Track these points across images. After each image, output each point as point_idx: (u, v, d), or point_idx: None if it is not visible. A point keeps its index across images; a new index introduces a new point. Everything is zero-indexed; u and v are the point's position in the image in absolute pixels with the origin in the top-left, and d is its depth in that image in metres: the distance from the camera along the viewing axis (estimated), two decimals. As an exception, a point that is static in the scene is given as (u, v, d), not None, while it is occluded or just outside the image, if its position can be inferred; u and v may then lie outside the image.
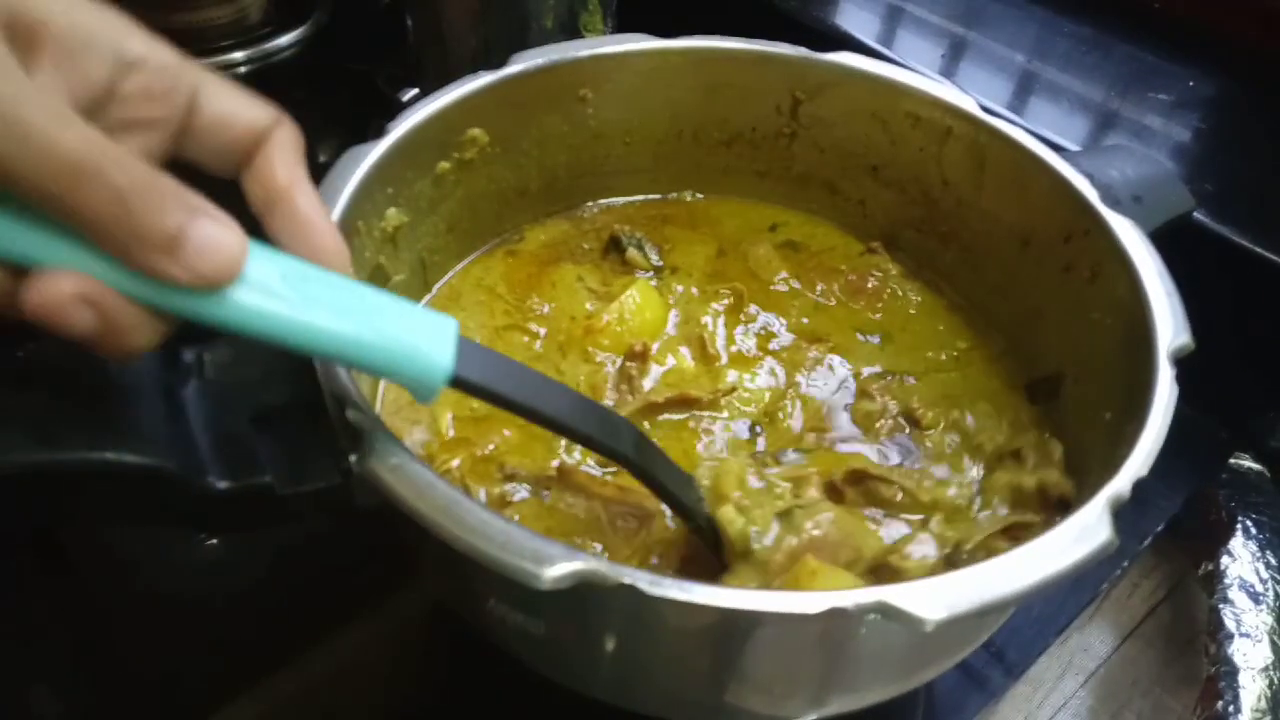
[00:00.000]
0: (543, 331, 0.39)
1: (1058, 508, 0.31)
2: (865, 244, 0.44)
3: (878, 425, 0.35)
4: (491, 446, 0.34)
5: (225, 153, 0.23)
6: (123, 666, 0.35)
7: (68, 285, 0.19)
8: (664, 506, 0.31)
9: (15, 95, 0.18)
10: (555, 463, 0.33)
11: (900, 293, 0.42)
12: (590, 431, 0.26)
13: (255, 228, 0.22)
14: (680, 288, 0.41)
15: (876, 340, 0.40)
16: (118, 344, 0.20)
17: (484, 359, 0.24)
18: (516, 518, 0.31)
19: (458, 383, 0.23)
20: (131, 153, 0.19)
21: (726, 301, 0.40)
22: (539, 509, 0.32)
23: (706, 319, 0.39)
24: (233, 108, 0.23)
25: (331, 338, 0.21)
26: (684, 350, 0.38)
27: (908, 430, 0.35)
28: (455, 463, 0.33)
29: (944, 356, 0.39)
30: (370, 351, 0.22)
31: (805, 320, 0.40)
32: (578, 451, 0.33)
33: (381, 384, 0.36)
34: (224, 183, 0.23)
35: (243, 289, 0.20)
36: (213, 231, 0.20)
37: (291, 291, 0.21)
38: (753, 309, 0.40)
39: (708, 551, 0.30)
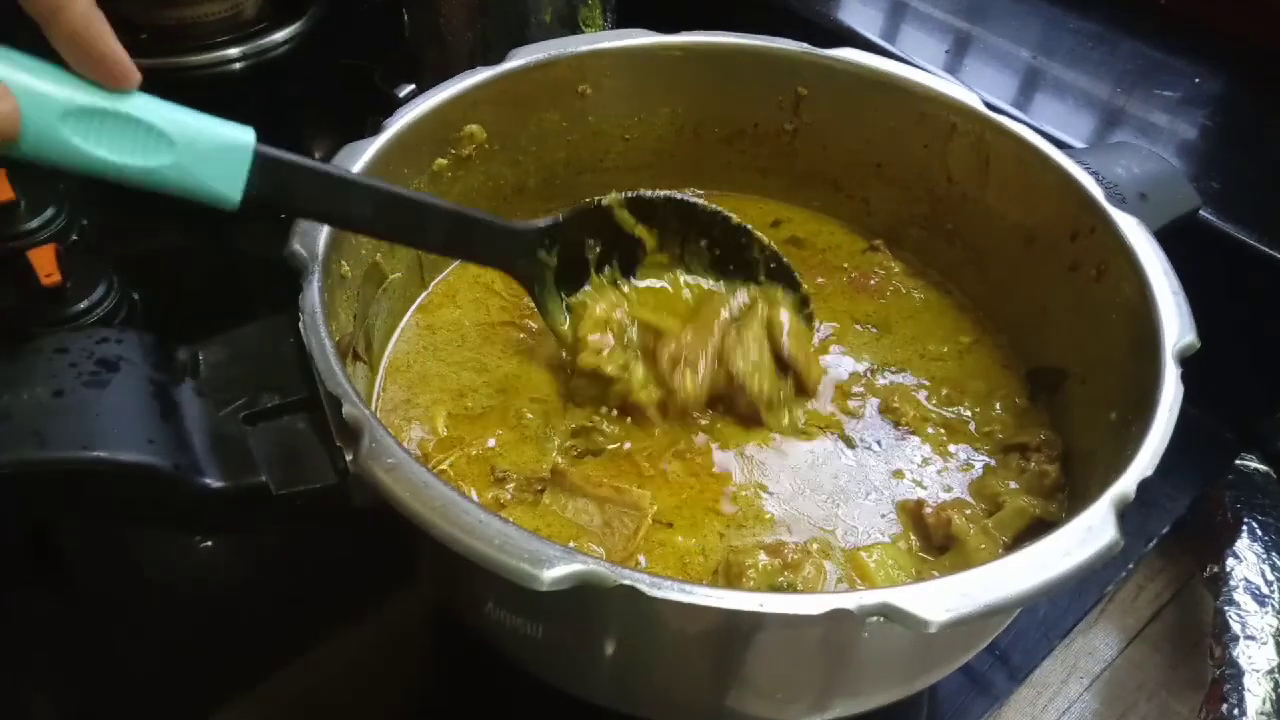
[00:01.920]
0: (534, 327, 0.38)
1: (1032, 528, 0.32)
2: (868, 241, 0.43)
3: (855, 415, 0.36)
4: (484, 447, 0.33)
5: None
6: (120, 668, 0.35)
7: None
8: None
9: None
10: (551, 464, 0.33)
11: (903, 290, 0.41)
12: (391, 230, 0.29)
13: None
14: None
15: (877, 330, 0.39)
16: None
17: (276, 178, 0.26)
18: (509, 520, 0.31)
19: (251, 204, 0.25)
20: None
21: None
22: (531, 511, 0.31)
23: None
24: None
25: (125, 172, 0.23)
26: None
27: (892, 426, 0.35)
28: (447, 463, 0.33)
29: (946, 349, 0.39)
30: (165, 183, 0.24)
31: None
32: (571, 454, 0.33)
33: (378, 383, 0.36)
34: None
35: (27, 141, 0.22)
36: None
37: (75, 134, 0.23)
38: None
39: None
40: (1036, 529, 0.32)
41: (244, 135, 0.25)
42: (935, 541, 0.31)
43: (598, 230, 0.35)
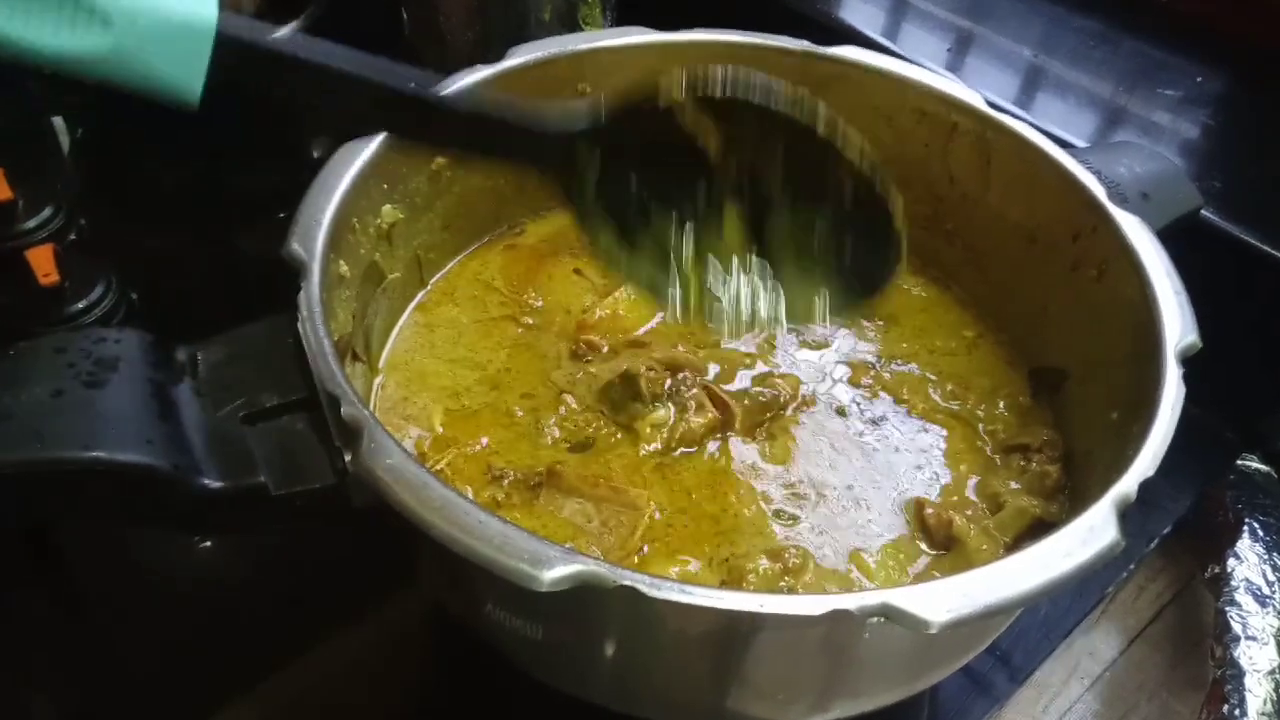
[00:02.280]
0: (532, 323, 0.38)
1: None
2: None
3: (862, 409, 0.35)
4: (479, 445, 0.33)
5: None
6: (120, 668, 0.35)
7: None
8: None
9: None
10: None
11: (903, 286, 0.41)
12: (392, 126, 0.24)
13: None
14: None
15: (881, 324, 0.39)
16: None
17: (246, 68, 0.21)
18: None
19: (217, 84, 0.21)
20: None
21: None
22: (528, 512, 0.31)
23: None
24: None
25: (44, 58, 0.19)
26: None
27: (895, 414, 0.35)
28: (444, 462, 0.33)
29: (954, 344, 0.39)
30: (105, 75, 0.20)
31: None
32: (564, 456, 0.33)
33: (377, 381, 0.36)
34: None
35: None
36: None
37: (14, 14, 0.19)
38: None
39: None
40: (1037, 530, 0.32)
41: (200, 10, 0.20)
42: (936, 541, 0.31)
43: (647, 129, 0.27)
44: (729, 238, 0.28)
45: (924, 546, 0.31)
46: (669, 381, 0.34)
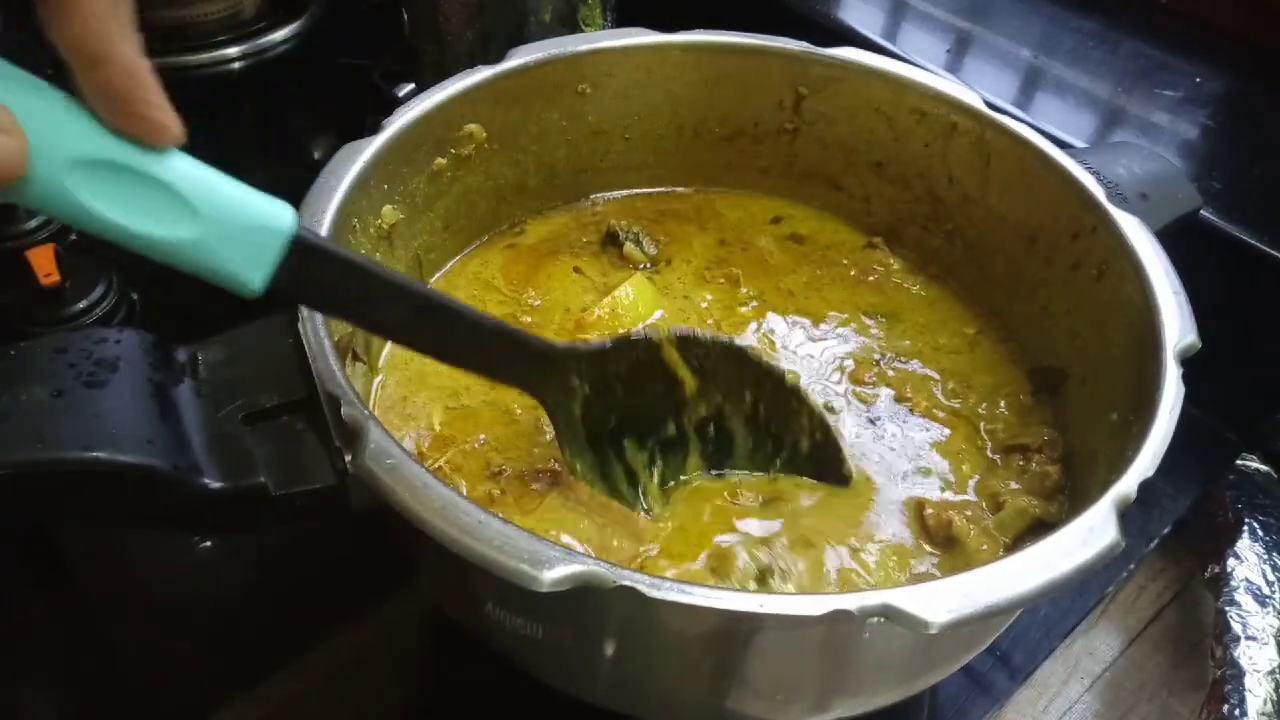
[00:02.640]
0: (531, 322, 0.38)
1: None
2: (868, 239, 0.43)
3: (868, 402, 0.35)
4: (478, 443, 0.33)
5: None
6: (120, 669, 0.35)
7: None
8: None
9: None
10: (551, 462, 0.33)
11: (903, 285, 0.41)
12: (417, 341, 0.26)
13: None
14: (677, 280, 0.41)
15: (883, 321, 0.39)
16: None
17: (308, 269, 0.23)
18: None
19: (279, 291, 0.22)
20: None
21: (720, 283, 0.40)
22: (529, 519, 0.31)
23: (704, 304, 0.39)
24: None
25: (129, 238, 0.20)
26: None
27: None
28: (444, 460, 0.33)
29: (957, 341, 0.39)
30: (178, 260, 0.21)
31: (804, 299, 0.40)
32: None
33: (376, 381, 0.36)
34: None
35: (38, 185, 0.19)
36: None
37: (89, 190, 0.19)
38: (745, 291, 0.40)
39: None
40: (1037, 529, 0.32)
41: (281, 214, 0.22)
42: (936, 541, 0.31)
43: (637, 362, 0.31)
44: (691, 463, 0.32)
45: (925, 547, 0.31)
46: None
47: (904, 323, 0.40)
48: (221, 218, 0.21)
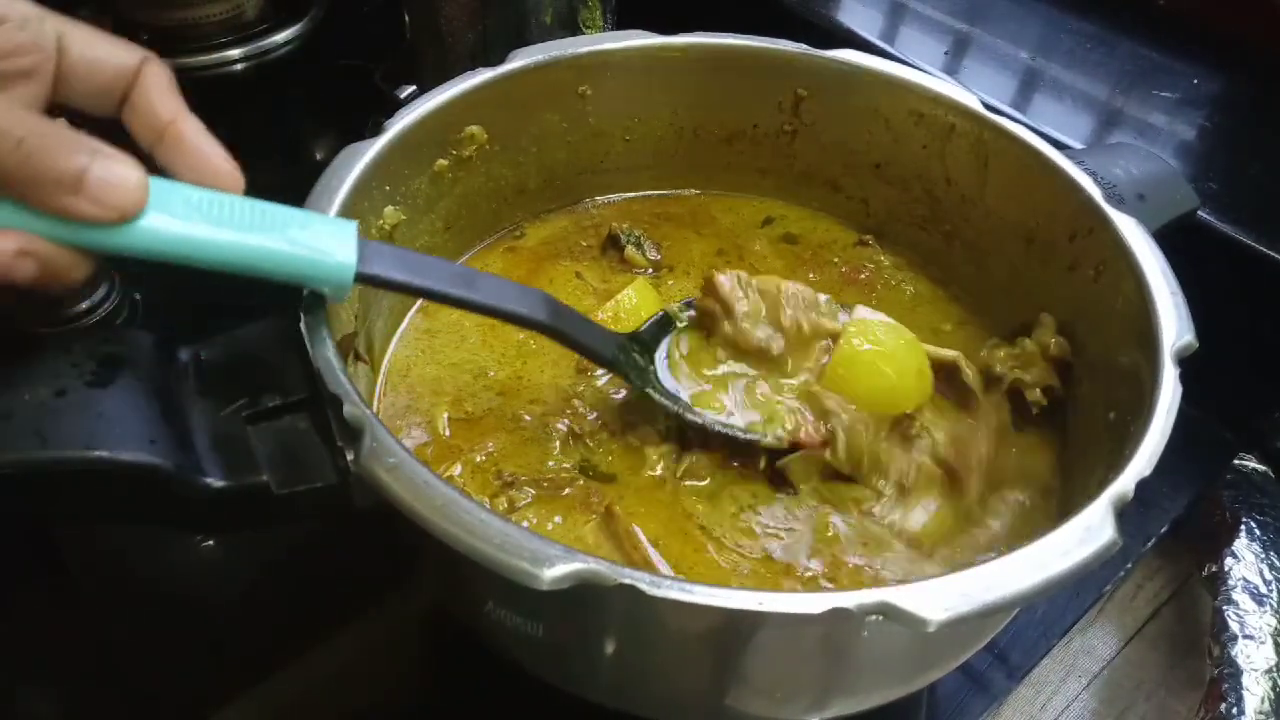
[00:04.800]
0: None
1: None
2: (859, 237, 0.43)
3: None
4: (485, 451, 0.33)
5: (101, 94, 0.24)
6: (120, 668, 0.35)
7: (7, 244, 0.21)
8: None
9: None
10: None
11: (893, 283, 0.42)
12: (506, 307, 0.29)
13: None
14: (676, 285, 0.41)
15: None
16: (57, 284, 0.23)
17: (388, 256, 0.27)
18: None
19: (366, 278, 0.26)
20: (15, 106, 0.21)
21: None
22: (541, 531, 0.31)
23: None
24: (100, 52, 0.24)
25: (241, 252, 0.24)
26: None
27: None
28: (457, 470, 0.33)
29: (938, 337, 0.39)
30: (280, 260, 0.24)
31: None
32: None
33: (379, 385, 0.36)
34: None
35: (153, 218, 0.22)
36: (113, 167, 0.22)
37: (197, 215, 0.23)
38: None
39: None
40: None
41: (346, 221, 0.26)
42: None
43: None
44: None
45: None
46: None
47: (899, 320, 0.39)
48: (304, 221, 0.25)
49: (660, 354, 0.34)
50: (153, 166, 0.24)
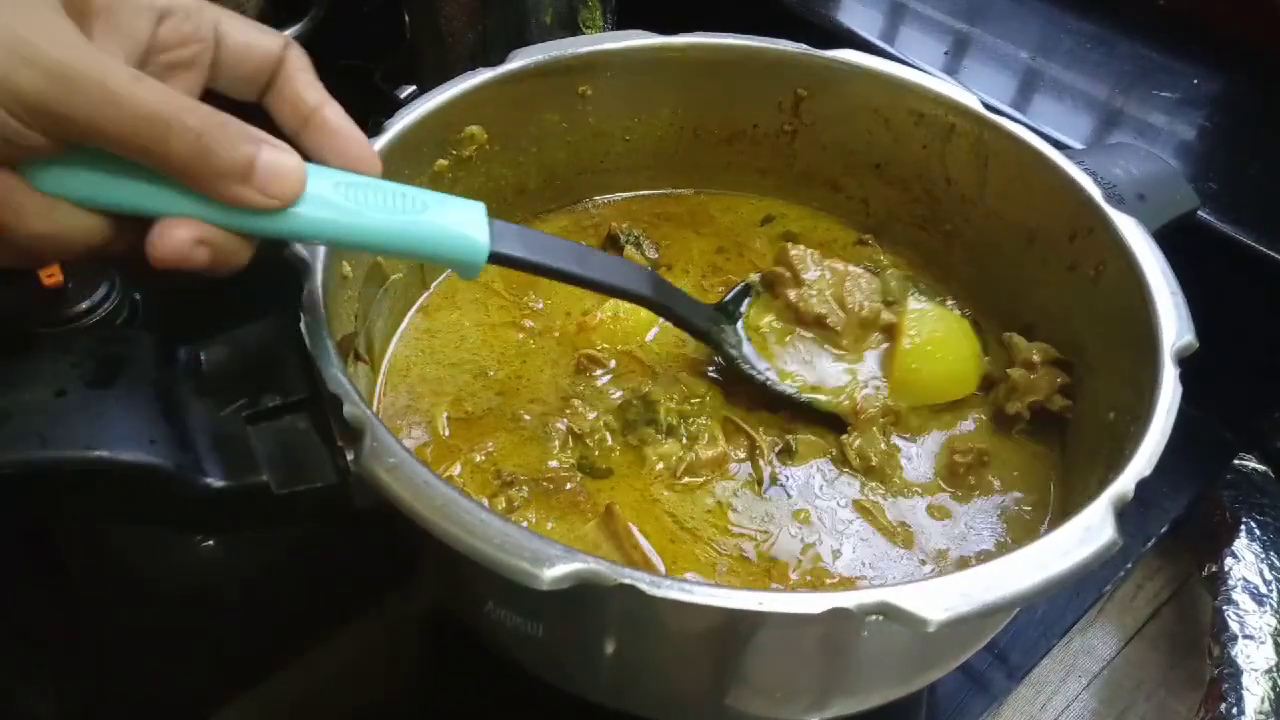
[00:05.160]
0: (532, 326, 0.38)
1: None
2: (859, 236, 0.43)
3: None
4: (485, 451, 0.33)
5: (249, 80, 0.25)
6: (122, 666, 0.35)
7: (185, 233, 0.22)
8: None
9: (94, 64, 0.20)
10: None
11: (892, 283, 0.42)
12: (615, 283, 0.31)
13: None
14: (676, 283, 0.41)
15: None
16: (225, 268, 0.23)
17: (514, 235, 0.28)
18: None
19: (496, 257, 0.27)
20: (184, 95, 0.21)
21: (720, 291, 0.40)
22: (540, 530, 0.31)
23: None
24: (249, 38, 0.25)
25: (387, 234, 0.25)
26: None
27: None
28: (456, 469, 0.33)
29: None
30: (421, 241, 0.25)
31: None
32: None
33: (379, 385, 0.36)
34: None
35: (308, 204, 0.23)
36: (276, 156, 0.22)
37: (346, 199, 0.24)
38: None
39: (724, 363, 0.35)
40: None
41: (475, 203, 0.27)
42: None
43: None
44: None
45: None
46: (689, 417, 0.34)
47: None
48: (440, 201, 0.26)
49: (740, 325, 0.36)
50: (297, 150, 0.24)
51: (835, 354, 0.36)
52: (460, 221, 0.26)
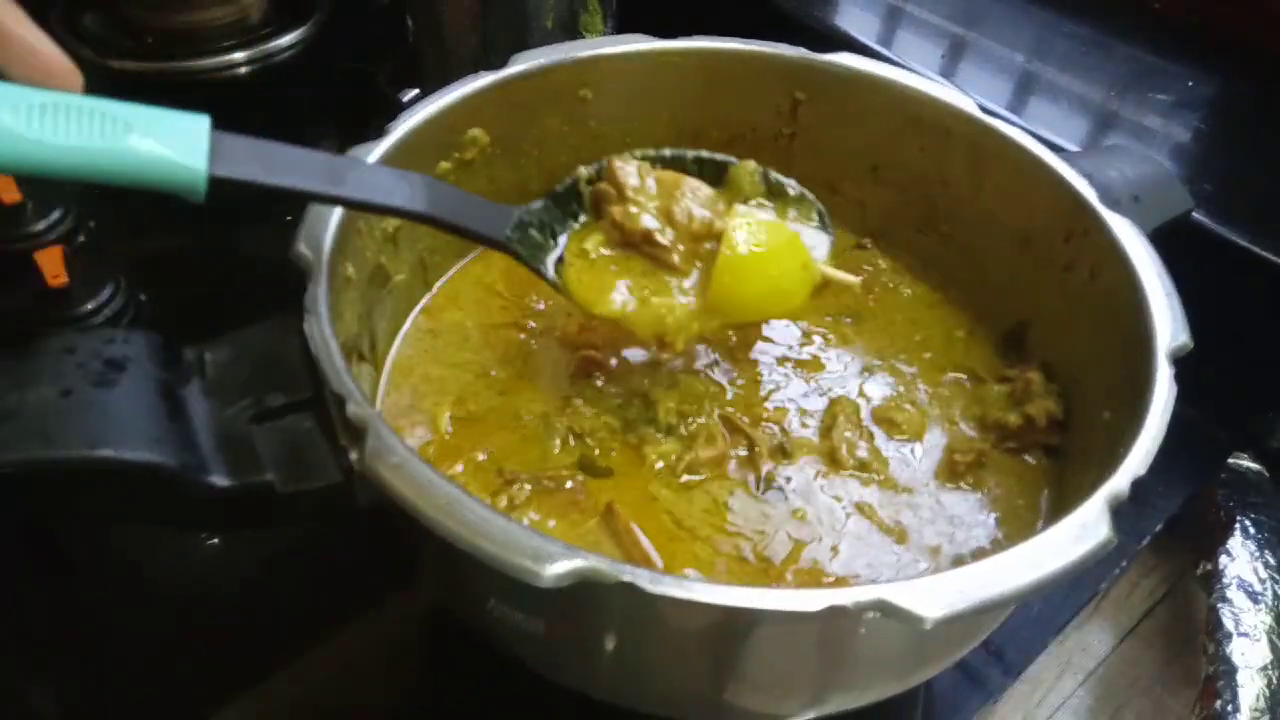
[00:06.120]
0: (534, 327, 0.39)
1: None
2: (857, 240, 0.44)
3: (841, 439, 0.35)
4: (487, 450, 0.33)
5: None
6: (122, 666, 0.35)
7: None
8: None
9: None
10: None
11: (891, 286, 0.42)
12: (381, 201, 0.27)
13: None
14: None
15: (847, 323, 0.40)
16: None
17: (244, 152, 0.25)
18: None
19: (219, 181, 0.24)
20: None
21: None
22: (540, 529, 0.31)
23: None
24: None
25: (78, 162, 0.22)
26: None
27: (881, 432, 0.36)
28: (458, 468, 0.33)
29: (948, 342, 0.39)
30: (122, 168, 0.23)
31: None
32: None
33: (382, 385, 0.36)
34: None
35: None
36: None
37: (27, 125, 0.21)
38: None
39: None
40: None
41: (198, 117, 0.24)
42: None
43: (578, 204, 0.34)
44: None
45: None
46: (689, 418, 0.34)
47: (876, 320, 0.40)
48: (151, 121, 0.23)
49: (563, 237, 0.33)
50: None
51: (669, 275, 0.32)
52: (171, 144, 0.23)
